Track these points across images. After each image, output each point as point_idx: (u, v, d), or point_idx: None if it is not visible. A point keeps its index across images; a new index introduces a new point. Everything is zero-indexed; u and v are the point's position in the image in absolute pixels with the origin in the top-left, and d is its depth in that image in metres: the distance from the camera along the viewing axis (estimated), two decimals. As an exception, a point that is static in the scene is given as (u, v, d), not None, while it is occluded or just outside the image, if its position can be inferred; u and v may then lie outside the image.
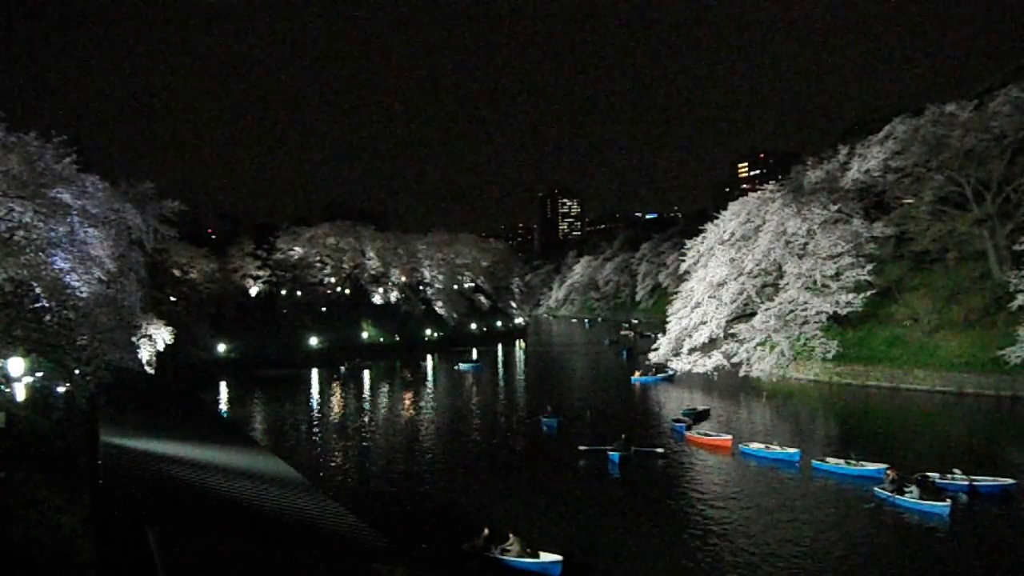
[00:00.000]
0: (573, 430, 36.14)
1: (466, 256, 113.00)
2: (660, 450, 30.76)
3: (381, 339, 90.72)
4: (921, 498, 21.44)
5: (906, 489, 22.03)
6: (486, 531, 19.29)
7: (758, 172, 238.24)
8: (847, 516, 22.18)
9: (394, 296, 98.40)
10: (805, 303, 48.56)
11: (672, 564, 18.64)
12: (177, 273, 71.99)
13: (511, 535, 18.87)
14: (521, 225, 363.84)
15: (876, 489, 23.18)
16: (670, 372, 55.31)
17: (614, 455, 28.79)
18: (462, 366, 69.51)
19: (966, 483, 23.34)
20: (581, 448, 31.00)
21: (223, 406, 53.01)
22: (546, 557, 18.40)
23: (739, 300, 53.31)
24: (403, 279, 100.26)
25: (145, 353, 48.08)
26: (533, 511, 23.50)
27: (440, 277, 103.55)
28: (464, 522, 22.81)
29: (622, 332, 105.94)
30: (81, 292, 26.91)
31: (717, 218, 59.47)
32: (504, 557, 18.58)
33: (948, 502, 21.14)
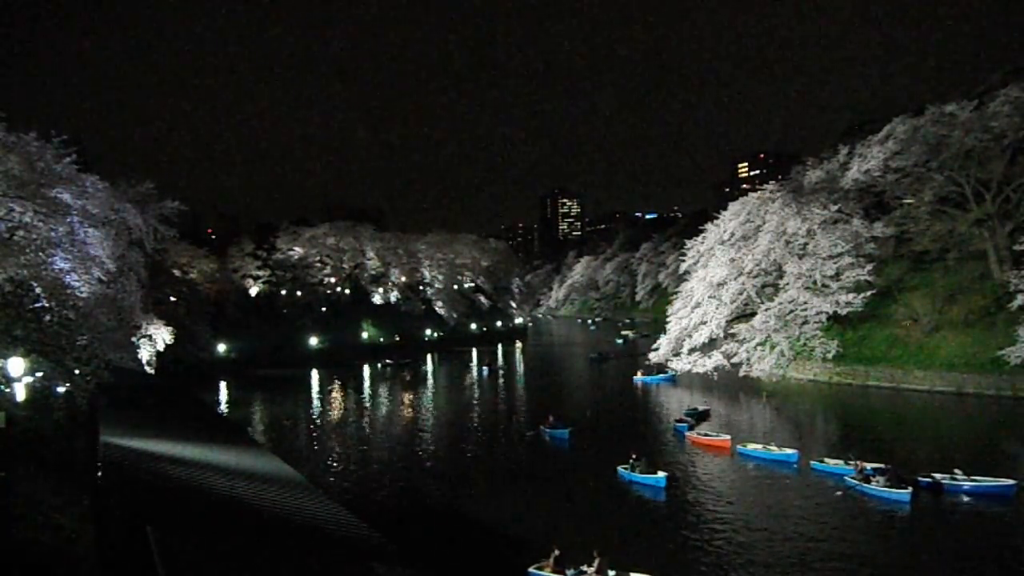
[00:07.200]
0: (586, 441, 34.52)
1: (466, 256, 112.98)
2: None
3: (381, 339, 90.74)
4: (886, 486, 23.51)
5: (872, 479, 24.18)
6: (556, 552, 18.06)
7: (758, 172, 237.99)
8: (840, 514, 22.32)
9: (394, 296, 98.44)
10: (805, 303, 48.56)
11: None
12: (177, 273, 72.08)
13: (595, 554, 17.53)
14: (521, 225, 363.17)
15: (847, 479, 25.18)
16: (671, 372, 55.34)
17: (660, 480, 25.71)
18: (486, 371, 67.05)
19: (972, 483, 23.67)
20: (624, 479, 27.13)
21: (223, 406, 53.00)
22: None
23: (739, 300, 53.31)
24: (403, 279, 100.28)
25: (145, 353, 48.09)
26: (536, 521, 23.30)
27: (440, 277, 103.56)
28: (465, 523, 22.80)
29: (622, 331, 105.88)
30: (81, 292, 26.97)
31: (717, 218, 59.43)
32: None
33: (908, 490, 23.05)
